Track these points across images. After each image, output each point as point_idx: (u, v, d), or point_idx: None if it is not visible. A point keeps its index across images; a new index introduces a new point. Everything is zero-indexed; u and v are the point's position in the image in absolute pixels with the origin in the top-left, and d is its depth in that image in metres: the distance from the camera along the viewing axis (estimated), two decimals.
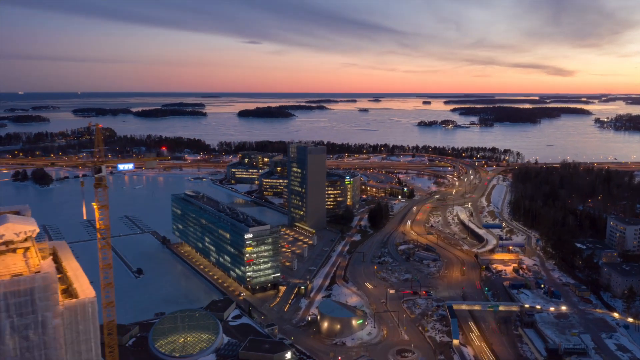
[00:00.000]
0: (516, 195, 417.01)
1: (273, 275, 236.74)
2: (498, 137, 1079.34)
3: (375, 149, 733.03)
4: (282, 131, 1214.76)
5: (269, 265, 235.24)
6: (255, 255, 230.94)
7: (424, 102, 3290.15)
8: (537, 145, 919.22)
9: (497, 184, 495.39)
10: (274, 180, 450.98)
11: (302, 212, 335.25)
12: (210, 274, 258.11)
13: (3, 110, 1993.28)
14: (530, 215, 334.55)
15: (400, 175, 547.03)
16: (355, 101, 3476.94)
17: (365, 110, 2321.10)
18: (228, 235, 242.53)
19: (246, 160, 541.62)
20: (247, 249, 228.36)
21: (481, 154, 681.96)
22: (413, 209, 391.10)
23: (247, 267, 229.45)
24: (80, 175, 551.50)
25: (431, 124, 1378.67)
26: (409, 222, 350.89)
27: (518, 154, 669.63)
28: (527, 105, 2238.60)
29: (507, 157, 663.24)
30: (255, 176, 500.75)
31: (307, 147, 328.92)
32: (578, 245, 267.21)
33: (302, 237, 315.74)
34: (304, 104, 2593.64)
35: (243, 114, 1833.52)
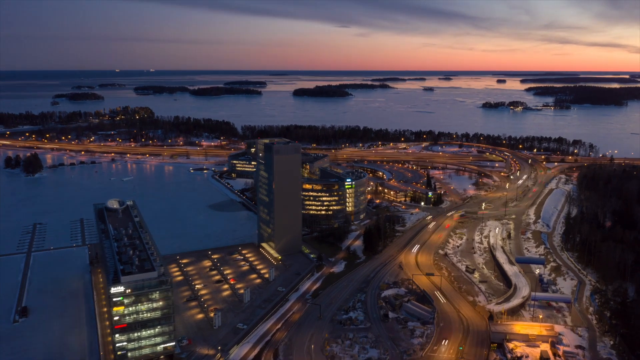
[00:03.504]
0: (577, 208, 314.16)
1: (163, 345, 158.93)
2: (573, 123, 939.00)
3: (417, 137, 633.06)
4: (329, 112, 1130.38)
5: (156, 330, 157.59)
6: (132, 317, 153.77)
7: (498, 81, 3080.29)
8: (619, 133, 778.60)
9: (556, 188, 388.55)
10: (243, 163, 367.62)
11: (270, 230, 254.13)
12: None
13: (70, 87, 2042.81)
14: (587, 247, 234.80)
15: (435, 172, 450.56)
16: (424, 79, 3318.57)
17: (430, 89, 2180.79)
18: (101, 286, 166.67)
19: (252, 149, 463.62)
20: (115, 309, 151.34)
21: (544, 144, 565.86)
22: (431, 224, 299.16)
23: (118, 334, 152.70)
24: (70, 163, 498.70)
25: (497, 106, 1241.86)
26: (416, 247, 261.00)
27: (591, 146, 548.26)
28: (615, 85, 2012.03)
29: (576, 150, 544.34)
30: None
31: (273, 143, 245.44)
32: None
33: (262, 267, 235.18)
34: (369, 82, 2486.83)
35: (298, 93, 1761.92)
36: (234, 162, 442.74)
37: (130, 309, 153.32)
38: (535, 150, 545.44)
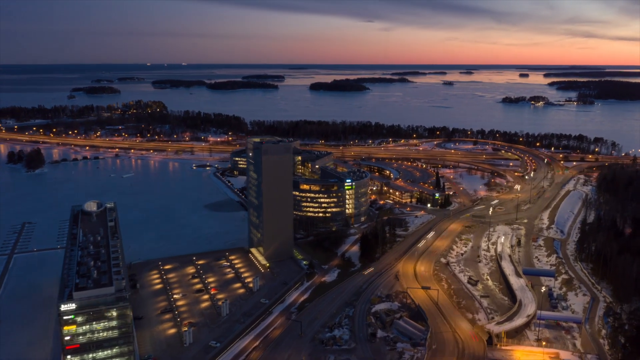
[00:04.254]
0: (594, 213, 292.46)
1: None
2: (595, 119, 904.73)
3: (431, 133, 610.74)
4: (343, 106, 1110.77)
5: (113, 351, 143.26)
6: (85, 337, 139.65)
7: (521, 75, 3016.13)
8: None
9: (574, 190, 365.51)
10: (245, 160, 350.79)
11: (259, 235, 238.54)
12: None
13: (90, 81, 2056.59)
14: (602, 258, 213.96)
15: (446, 171, 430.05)
16: (444, 73, 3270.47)
17: (450, 83, 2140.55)
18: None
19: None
20: (66, 328, 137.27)
21: (564, 142, 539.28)
22: (434, 229, 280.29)
23: (70, 356, 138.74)
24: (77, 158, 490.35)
25: (518, 101, 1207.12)
26: (417, 254, 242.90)
27: (614, 144, 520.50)
28: None
29: (597, 149, 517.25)
30: None
31: (262, 143, 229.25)
32: None
33: (248, 274, 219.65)
34: (388, 76, 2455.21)
35: (315, 87, 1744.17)
36: (236, 159, 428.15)
37: (84, 328, 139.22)
38: (553, 148, 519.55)
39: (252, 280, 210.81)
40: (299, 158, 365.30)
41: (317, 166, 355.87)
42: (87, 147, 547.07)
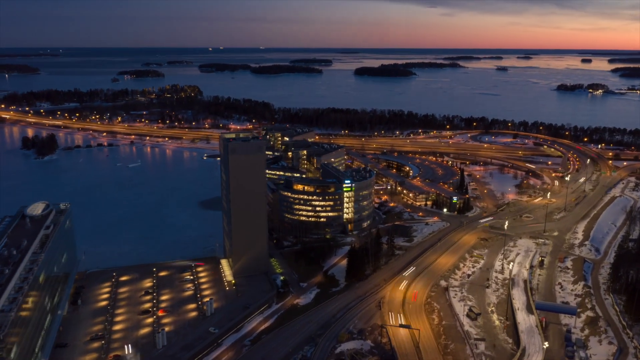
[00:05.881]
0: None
1: None
2: None
3: (468, 124, 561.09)
4: (383, 93, 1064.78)
5: None
6: None
7: (583, 61, 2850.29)
8: None
9: (620, 196, 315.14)
10: (274, 173, 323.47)
11: (229, 245, 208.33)
12: None
13: (140, 64, 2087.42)
14: (637, 294, 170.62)
15: (475, 168, 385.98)
16: (500, 58, 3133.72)
17: (503, 69, 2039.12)
18: None
19: (268, 136, 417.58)
20: None
21: (617, 137, 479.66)
22: (443, 241, 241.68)
23: None
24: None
25: (574, 89, 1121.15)
26: (413, 274, 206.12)
27: None
28: None
29: None
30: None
31: (229, 140, 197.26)
32: None
33: (210, 292, 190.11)
34: (440, 61, 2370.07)
35: (360, 72, 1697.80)
36: None
37: None
38: (603, 144, 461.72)
39: (219, 294, 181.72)
40: (304, 152, 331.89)
41: (324, 161, 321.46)
42: (105, 133, 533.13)
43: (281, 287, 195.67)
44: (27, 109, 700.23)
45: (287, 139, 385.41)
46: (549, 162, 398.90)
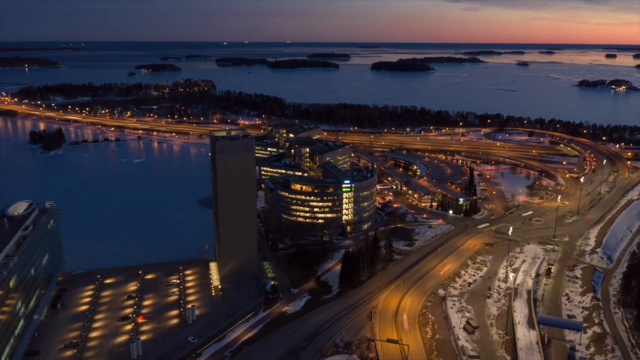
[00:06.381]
0: None
1: None
2: None
3: (482, 121, 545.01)
4: (399, 88, 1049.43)
5: None
6: None
7: (607, 56, 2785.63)
8: None
9: (638, 199, 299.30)
10: (275, 171, 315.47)
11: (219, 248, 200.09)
12: None
13: (158, 58, 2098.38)
14: None
15: (486, 168, 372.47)
16: (522, 53, 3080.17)
17: (524, 64, 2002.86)
18: None
19: (274, 132, 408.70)
20: None
21: (638, 136, 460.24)
22: (446, 245, 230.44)
23: None
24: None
25: (596, 85, 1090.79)
26: (411, 281, 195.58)
27: None
28: None
29: None
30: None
31: (217, 138, 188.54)
32: None
33: (195, 297, 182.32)
34: (459, 55, 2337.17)
35: (377, 67, 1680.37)
36: None
37: None
38: (623, 143, 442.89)
39: (196, 305, 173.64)
40: (307, 150, 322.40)
41: (327, 159, 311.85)
42: (112, 128, 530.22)
43: (270, 293, 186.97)
44: (38, 102, 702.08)
45: (292, 135, 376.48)
46: (564, 162, 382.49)
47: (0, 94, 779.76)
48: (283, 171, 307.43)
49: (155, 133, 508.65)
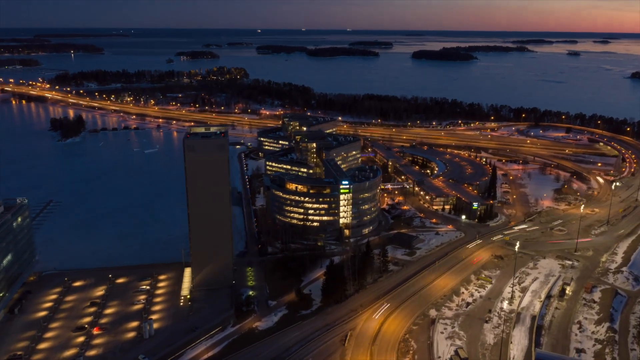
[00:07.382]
0: None
1: None
2: None
3: (517, 115, 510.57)
4: (436, 78, 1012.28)
5: None
6: None
7: None
8: None
9: None
10: (281, 166, 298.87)
11: None
12: None
13: (201, 45, 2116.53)
14: None
15: (514, 167, 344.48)
16: (575, 42, 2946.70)
17: (575, 53, 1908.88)
18: None
19: (286, 124, 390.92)
20: None
21: None
22: (450, 256, 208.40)
23: None
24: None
25: None
26: (400, 298, 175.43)
27: None
28: None
29: None
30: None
31: (187, 135, 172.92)
32: None
33: (161, 307, 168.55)
34: (507, 44, 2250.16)
35: (417, 56, 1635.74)
36: (262, 139, 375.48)
37: None
38: None
39: (161, 316, 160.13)
40: (313, 145, 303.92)
41: (333, 155, 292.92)
42: (134, 116, 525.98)
43: (245, 304, 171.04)
44: (67, 89, 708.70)
45: (305, 128, 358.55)
46: (599, 164, 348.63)
47: (37, 80, 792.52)
48: (288, 167, 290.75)
49: (174, 122, 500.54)
